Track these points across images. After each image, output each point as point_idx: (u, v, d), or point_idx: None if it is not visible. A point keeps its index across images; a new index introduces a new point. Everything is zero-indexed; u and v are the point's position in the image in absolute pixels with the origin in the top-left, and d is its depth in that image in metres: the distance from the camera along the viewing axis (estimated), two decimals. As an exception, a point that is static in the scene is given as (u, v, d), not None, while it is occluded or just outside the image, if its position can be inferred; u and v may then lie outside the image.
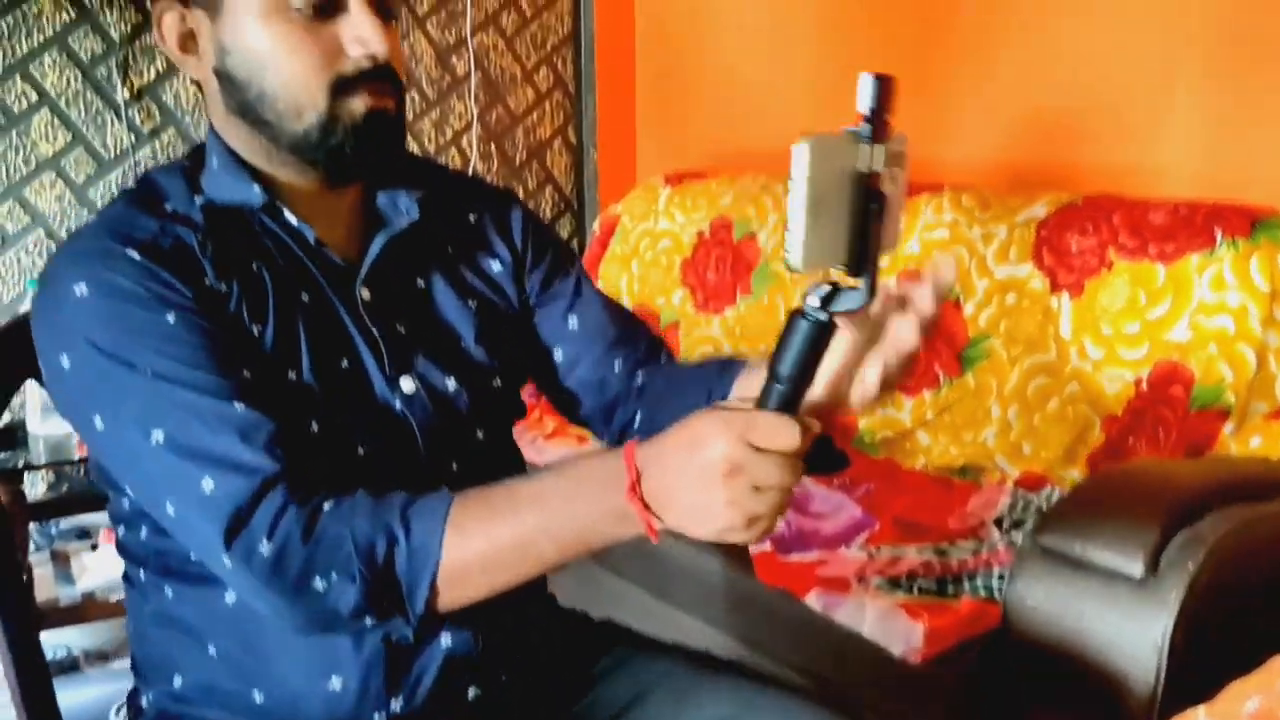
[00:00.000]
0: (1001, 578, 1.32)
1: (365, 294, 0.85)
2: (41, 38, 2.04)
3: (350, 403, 0.81)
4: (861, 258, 0.66)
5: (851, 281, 0.67)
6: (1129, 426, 1.51)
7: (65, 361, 0.75)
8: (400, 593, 0.74)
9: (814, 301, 0.66)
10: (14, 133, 2.05)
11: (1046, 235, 1.66)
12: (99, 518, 2.13)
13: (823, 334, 0.67)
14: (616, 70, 2.68)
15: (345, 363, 0.82)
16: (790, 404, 0.67)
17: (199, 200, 0.81)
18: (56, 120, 2.08)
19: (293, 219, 0.83)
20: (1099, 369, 1.56)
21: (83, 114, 2.10)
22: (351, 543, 0.73)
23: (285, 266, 0.83)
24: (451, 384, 0.86)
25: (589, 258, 2.55)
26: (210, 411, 0.74)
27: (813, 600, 1.37)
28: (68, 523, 2.20)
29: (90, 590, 1.94)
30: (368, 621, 0.75)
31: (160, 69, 2.16)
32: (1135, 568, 1.11)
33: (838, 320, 0.67)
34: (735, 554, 1.52)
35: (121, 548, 0.87)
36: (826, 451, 1.88)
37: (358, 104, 0.80)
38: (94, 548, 2.12)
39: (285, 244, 0.83)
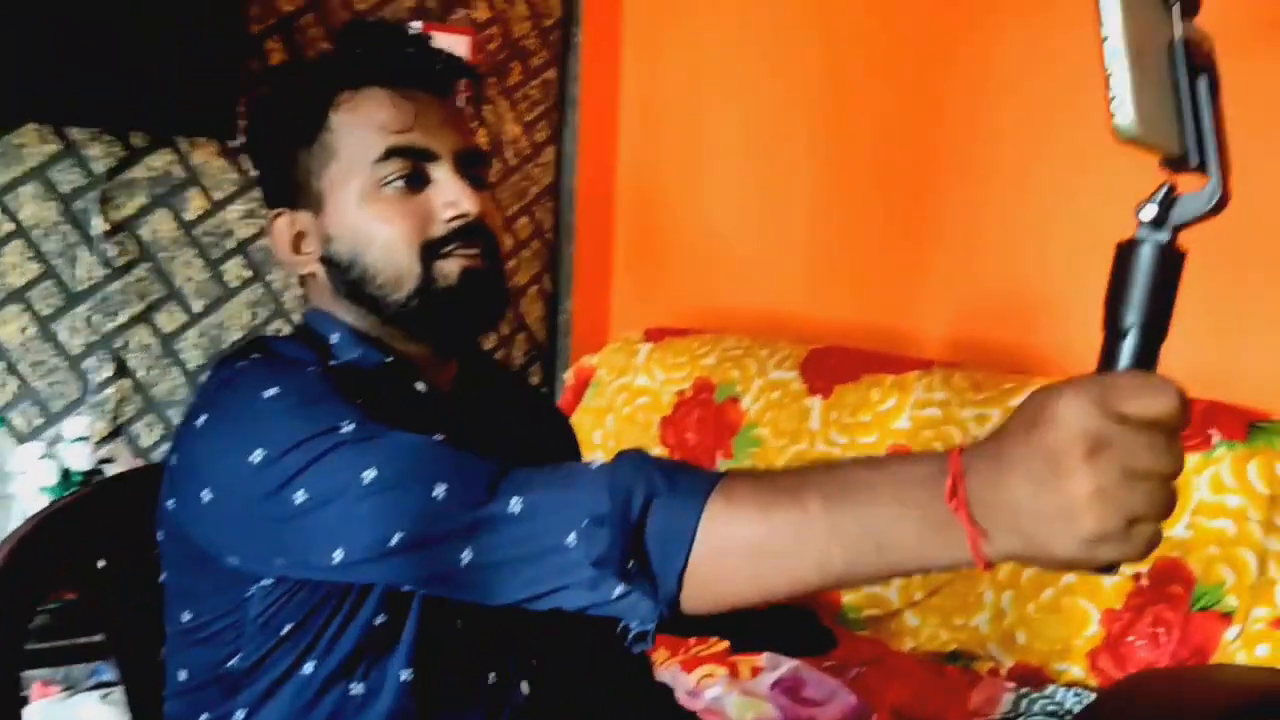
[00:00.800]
0: (1016, 787, 1.28)
1: None
2: (22, 169, 1.99)
3: None
4: (1201, 142, 0.54)
5: (1192, 180, 0.54)
6: (1129, 624, 1.50)
7: (259, 455, 0.74)
8: (650, 559, 0.65)
9: (1149, 215, 0.54)
10: (-17, 262, 1.99)
11: (1041, 423, 1.67)
12: (29, 674, 1.99)
13: (1169, 260, 0.54)
14: (596, 223, 2.71)
15: None
16: (1146, 360, 0.54)
17: (334, 363, 0.85)
18: (29, 251, 2.02)
19: (422, 386, 0.87)
20: (1097, 562, 1.55)
21: (57, 246, 2.05)
22: (608, 487, 0.66)
23: (421, 425, 0.84)
24: None
25: (561, 408, 2.52)
26: (425, 445, 0.74)
27: (819, 804, 1.32)
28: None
29: (20, 755, 1.79)
30: (616, 589, 0.66)
31: (141, 203, 2.12)
32: (1168, 793, 1.08)
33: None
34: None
35: None
36: (812, 630, 1.83)
37: (451, 266, 0.85)
38: (24, 702, 1.98)
39: (417, 407, 0.86)
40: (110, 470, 1.90)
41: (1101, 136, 1.79)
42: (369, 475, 0.72)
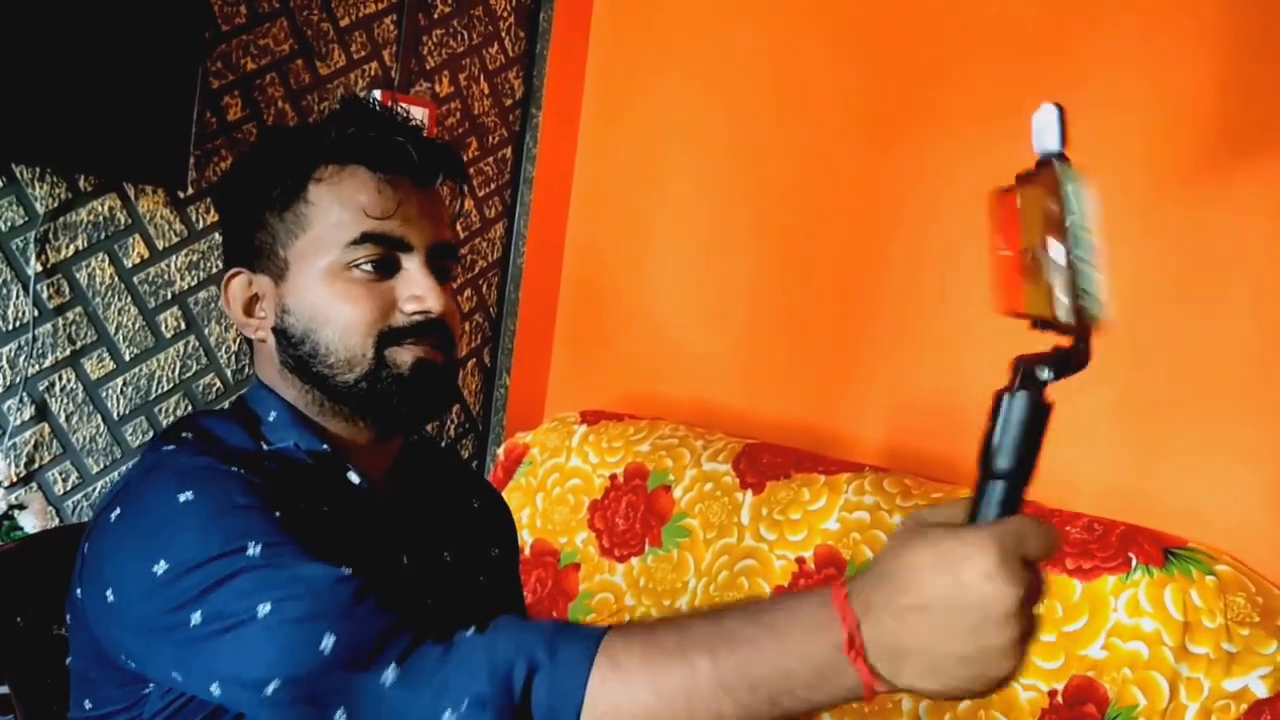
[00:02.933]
0: None
1: (405, 560, 0.88)
2: (-40, 203, 1.95)
3: None
4: (1082, 307, 0.60)
5: (1065, 342, 0.61)
6: (1044, 741, 1.52)
7: (161, 568, 0.71)
8: None
9: (1046, 375, 0.61)
10: (-92, 295, 1.93)
11: (967, 534, 1.70)
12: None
13: (1040, 413, 0.60)
14: (540, 301, 2.72)
15: None
16: (1016, 499, 0.59)
17: (267, 448, 0.84)
18: (-42, 287, 1.97)
19: (355, 477, 0.86)
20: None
21: (-12, 283, 2.00)
22: (488, 665, 0.63)
23: (349, 518, 0.84)
24: None
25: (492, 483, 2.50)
26: (327, 584, 0.70)
27: None
28: None
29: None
30: None
31: (80, 246, 2.08)
32: None
33: None
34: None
35: None
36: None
37: (405, 354, 0.85)
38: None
39: (347, 497, 0.85)
40: (21, 516, 1.84)
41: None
42: (263, 610, 0.68)
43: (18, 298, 2.02)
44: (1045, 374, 0.61)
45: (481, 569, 0.97)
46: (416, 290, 0.85)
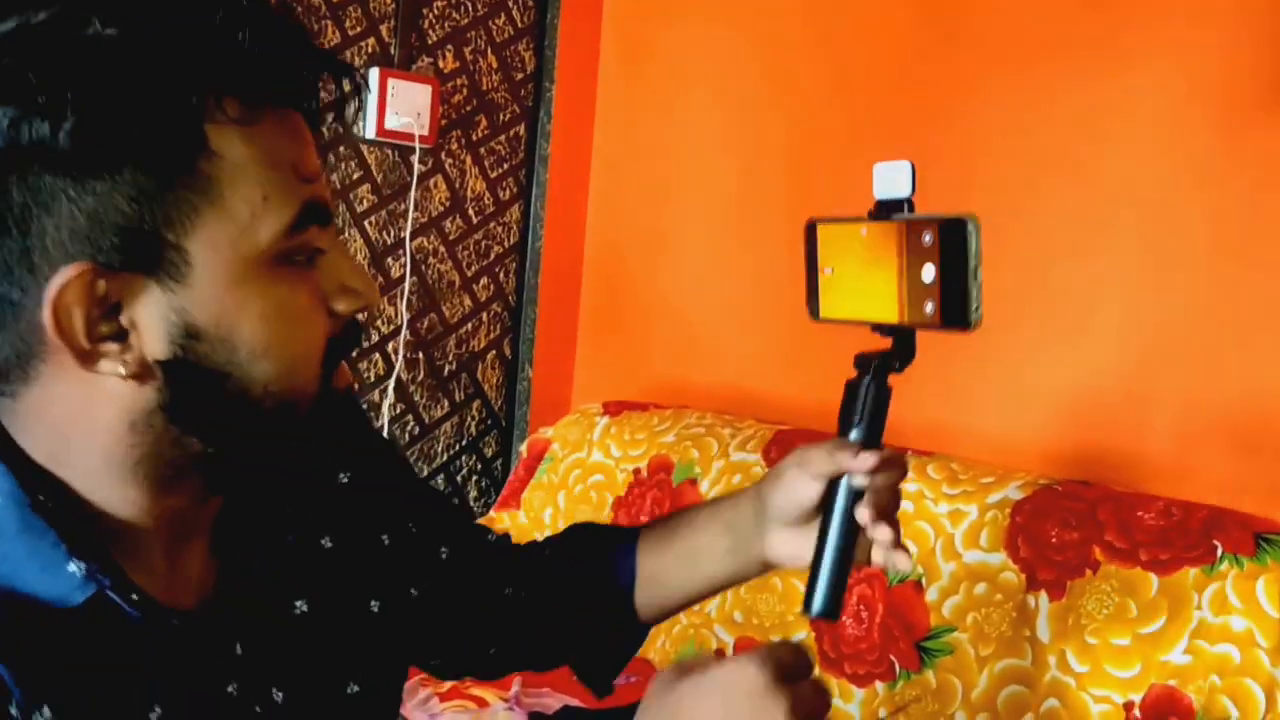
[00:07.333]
0: None
1: (232, 689, 0.63)
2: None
3: None
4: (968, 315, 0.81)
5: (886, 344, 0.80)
6: (1121, 761, 1.31)
7: None
8: None
9: (896, 366, 0.79)
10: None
11: (1022, 522, 1.49)
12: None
13: (889, 395, 0.80)
14: (562, 287, 2.56)
15: None
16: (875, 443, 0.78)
17: None
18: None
19: (128, 606, 0.56)
20: (1083, 685, 1.36)
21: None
22: None
23: (120, 674, 0.57)
24: None
25: (512, 482, 2.34)
26: None
27: None
28: None
29: None
30: None
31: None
32: None
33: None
34: None
35: None
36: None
37: (342, 375, 0.61)
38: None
39: (124, 634, 0.57)
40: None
41: (1055, 236, 1.55)
42: None
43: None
44: (895, 365, 0.76)
45: (354, 631, 0.72)
46: (350, 281, 0.60)
